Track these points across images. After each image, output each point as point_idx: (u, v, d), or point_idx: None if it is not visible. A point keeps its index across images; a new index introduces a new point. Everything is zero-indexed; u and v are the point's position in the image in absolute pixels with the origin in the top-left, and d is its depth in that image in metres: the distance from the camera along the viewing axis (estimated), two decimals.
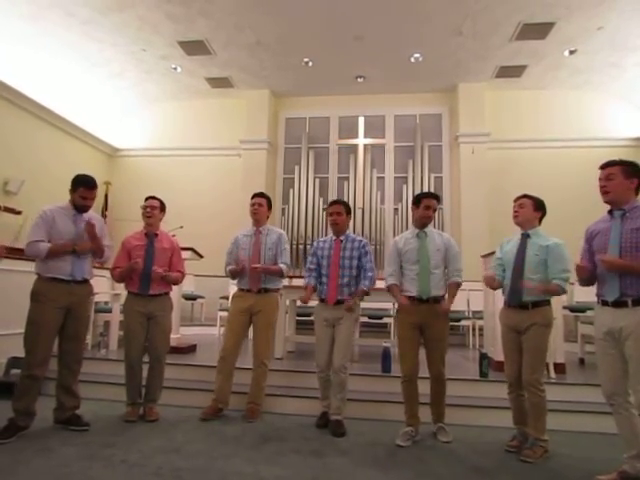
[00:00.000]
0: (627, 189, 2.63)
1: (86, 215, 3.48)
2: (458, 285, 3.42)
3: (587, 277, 2.82)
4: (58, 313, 3.25)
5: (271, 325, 3.89)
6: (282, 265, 3.88)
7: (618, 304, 2.55)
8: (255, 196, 4.03)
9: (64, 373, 3.37)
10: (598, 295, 2.72)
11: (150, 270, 3.66)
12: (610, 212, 2.70)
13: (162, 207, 3.90)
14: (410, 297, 3.36)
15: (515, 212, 3.26)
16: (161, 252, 3.77)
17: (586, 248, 2.84)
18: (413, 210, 3.54)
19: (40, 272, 3.29)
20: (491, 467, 2.91)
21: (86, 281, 3.44)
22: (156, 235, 3.81)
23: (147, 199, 3.87)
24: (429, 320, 3.31)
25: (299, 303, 5.89)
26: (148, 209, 3.79)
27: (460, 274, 3.43)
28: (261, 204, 3.96)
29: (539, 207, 3.24)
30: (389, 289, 3.49)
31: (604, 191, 2.67)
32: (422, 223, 3.46)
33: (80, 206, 3.41)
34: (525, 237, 3.19)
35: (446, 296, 3.41)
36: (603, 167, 2.71)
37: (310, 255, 3.85)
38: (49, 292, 3.24)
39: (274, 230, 4.03)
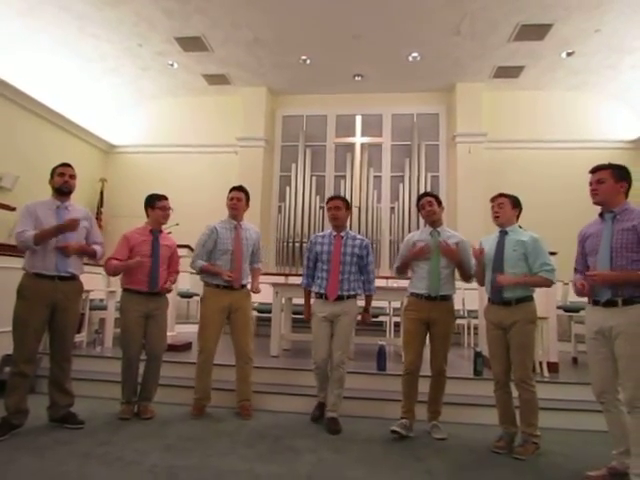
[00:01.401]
0: (617, 192, 2.69)
1: (71, 207, 3.43)
2: (470, 276, 3.47)
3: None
4: (44, 310, 3.22)
5: (251, 320, 3.97)
6: (259, 265, 4.09)
7: (609, 304, 2.60)
8: (234, 189, 3.94)
9: (55, 371, 3.36)
10: (589, 295, 2.76)
11: (158, 267, 3.69)
12: (601, 215, 2.76)
13: None
14: (418, 294, 3.42)
15: (496, 213, 3.29)
16: (164, 249, 3.79)
17: (579, 251, 2.91)
18: (420, 213, 3.66)
19: (26, 268, 3.26)
20: (485, 464, 2.93)
21: (73, 277, 3.37)
22: (160, 232, 3.83)
23: (161, 199, 3.83)
24: (436, 317, 3.36)
25: (295, 301, 5.90)
26: (169, 211, 3.84)
27: (472, 271, 3.46)
28: (240, 199, 3.89)
29: (516, 204, 3.32)
30: (398, 269, 3.61)
31: (594, 193, 2.74)
32: (430, 220, 3.53)
33: (61, 185, 3.37)
34: (503, 234, 3.25)
35: (454, 296, 3.52)
36: (594, 171, 2.77)
37: (307, 251, 3.81)
38: (34, 288, 3.20)
39: (252, 228, 4.03)
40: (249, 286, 3.96)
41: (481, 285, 3.45)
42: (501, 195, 3.32)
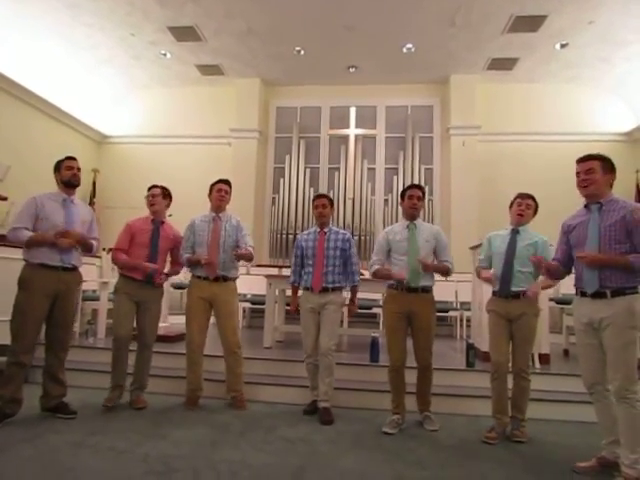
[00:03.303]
0: (605, 184, 2.70)
1: (76, 201, 3.49)
2: (448, 269, 3.46)
3: (559, 274, 2.93)
4: (45, 301, 3.23)
5: (234, 313, 3.89)
6: (250, 248, 3.82)
7: (597, 295, 2.60)
8: (220, 182, 3.92)
9: (50, 360, 3.36)
10: (576, 287, 2.78)
11: (156, 256, 3.70)
12: (586, 206, 2.76)
13: (165, 194, 3.89)
14: (398, 286, 3.41)
15: (522, 211, 3.34)
16: (164, 240, 3.78)
17: (563, 240, 2.91)
18: (401, 205, 3.62)
19: (28, 258, 3.26)
20: (476, 454, 2.96)
21: (75, 268, 3.42)
22: (162, 223, 3.82)
23: (150, 188, 3.88)
24: (417, 309, 3.36)
25: (288, 293, 5.90)
26: (151, 197, 3.82)
27: (450, 263, 3.48)
28: (227, 191, 3.92)
29: (537, 210, 3.42)
30: (375, 275, 3.51)
31: (584, 185, 2.71)
32: (410, 214, 3.52)
33: (70, 178, 3.41)
34: (515, 233, 3.33)
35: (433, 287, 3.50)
36: (582, 160, 2.75)
37: (295, 248, 3.90)
38: (37, 279, 3.21)
39: (233, 216, 3.98)
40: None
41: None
42: (529, 196, 3.39)
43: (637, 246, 2.51)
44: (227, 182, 3.95)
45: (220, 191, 3.88)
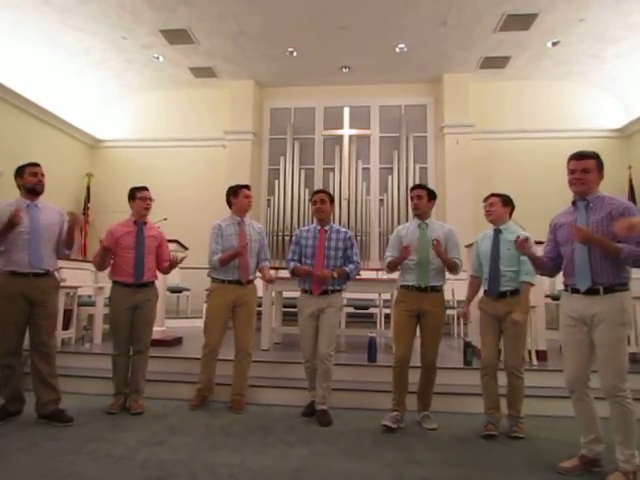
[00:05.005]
0: (597, 183, 2.70)
1: (42, 205, 3.43)
2: (456, 264, 3.45)
3: (548, 270, 2.93)
4: (22, 305, 3.27)
5: (254, 315, 3.93)
6: (267, 263, 4.06)
7: (590, 292, 2.59)
8: (245, 187, 3.96)
9: (37, 365, 3.35)
10: (566, 283, 2.76)
11: (143, 256, 3.67)
12: (574, 203, 2.75)
13: None
14: (408, 286, 3.43)
15: (487, 211, 3.45)
16: (150, 240, 3.78)
17: (551, 238, 2.89)
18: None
19: (1, 267, 3.28)
20: (475, 452, 2.96)
21: (47, 273, 3.38)
22: (145, 223, 3.82)
23: (141, 190, 3.82)
24: (427, 308, 3.38)
25: (285, 294, 5.90)
26: (148, 201, 3.81)
27: (459, 260, 3.48)
28: (252, 196, 4.01)
29: (507, 203, 3.45)
30: (389, 266, 3.54)
31: (580, 183, 2.68)
32: (415, 213, 3.58)
33: (35, 185, 3.38)
34: (497, 233, 3.38)
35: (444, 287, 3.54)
36: (579, 158, 2.71)
37: (293, 244, 3.82)
38: (9, 287, 3.24)
39: (256, 224, 4.06)
40: (261, 279, 4.04)
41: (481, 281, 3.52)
42: (492, 195, 3.47)
43: (623, 242, 2.48)
44: (250, 188, 4.03)
45: (248, 197, 3.94)
